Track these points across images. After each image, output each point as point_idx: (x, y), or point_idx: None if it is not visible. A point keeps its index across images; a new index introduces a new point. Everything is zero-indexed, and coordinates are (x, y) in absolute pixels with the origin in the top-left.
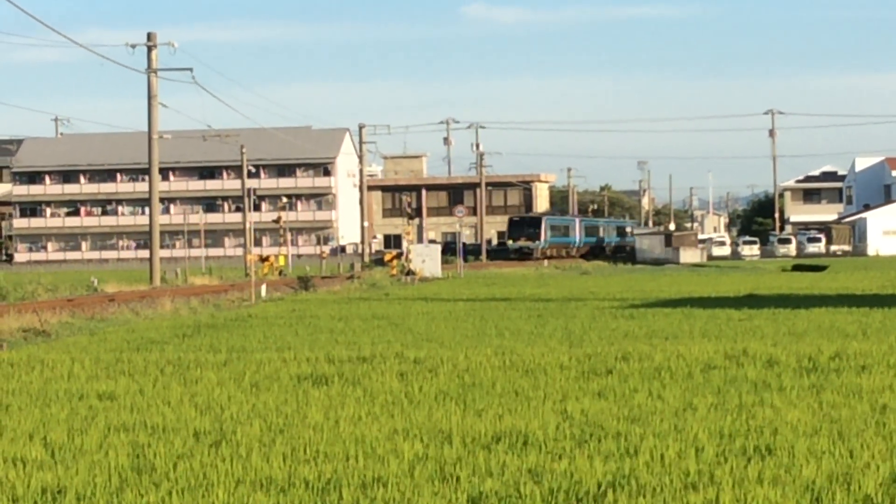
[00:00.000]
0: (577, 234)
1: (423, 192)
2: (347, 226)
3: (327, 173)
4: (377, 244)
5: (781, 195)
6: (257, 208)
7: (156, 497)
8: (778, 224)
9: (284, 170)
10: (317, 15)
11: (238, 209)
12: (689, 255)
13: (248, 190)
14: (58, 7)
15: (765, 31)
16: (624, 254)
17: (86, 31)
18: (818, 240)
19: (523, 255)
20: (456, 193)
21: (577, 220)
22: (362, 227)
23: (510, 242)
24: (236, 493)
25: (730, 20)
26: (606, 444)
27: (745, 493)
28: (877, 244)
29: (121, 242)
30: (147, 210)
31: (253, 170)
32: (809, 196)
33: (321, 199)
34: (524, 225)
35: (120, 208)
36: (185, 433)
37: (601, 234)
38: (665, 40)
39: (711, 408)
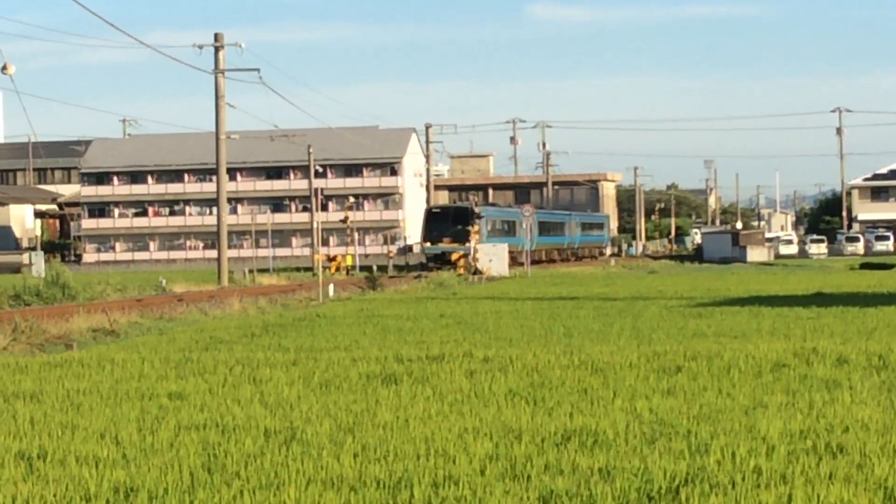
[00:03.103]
0: (528, 233)
1: (490, 191)
2: (414, 225)
3: (394, 173)
4: None
5: (849, 193)
6: (324, 208)
7: (227, 496)
8: (845, 222)
9: (351, 170)
10: (384, 15)
11: (305, 209)
12: (756, 254)
13: (316, 190)
14: (126, 8)
15: (831, 28)
16: (594, 257)
17: (153, 32)
18: (886, 238)
19: (448, 264)
20: (522, 193)
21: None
22: None
23: (427, 245)
24: (307, 492)
25: (797, 18)
26: (677, 442)
27: (817, 492)
28: None
29: (188, 242)
30: (215, 210)
31: (320, 170)
32: (877, 194)
33: (388, 198)
34: (448, 220)
35: (188, 208)
36: (256, 432)
37: (562, 231)
38: (732, 39)
39: (782, 406)
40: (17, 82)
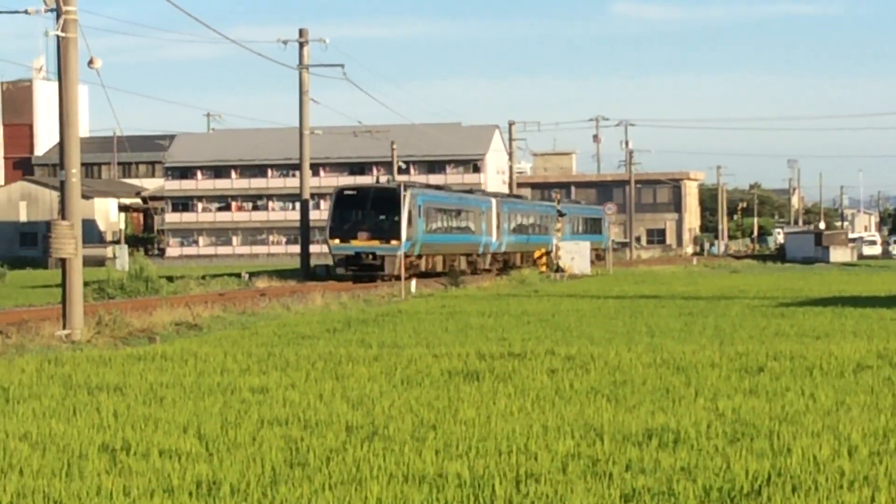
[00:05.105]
0: (494, 229)
1: (573, 189)
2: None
3: (477, 170)
4: None
5: None
6: None
7: (309, 490)
8: None
9: (434, 166)
10: (466, 12)
11: None
12: (839, 254)
13: None
14: (211, 3)
15: None
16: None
17: (238, 27)
18: None
19: (365, 271)
20: (605, 191)
21: (495, 202)
22: None
23: (335, 243)
24: (389, 488)
25: (880, 18)
26: (759, 442)
27: None
28: None
29: (271, 237)
30: (298, 205)
31: (403, 166)
32: None
33: None
34: (366, 206)
35: (271, 203)
36: (338, 427)
37: (544, 230)
38: (816, 38)
39: (864, 407)
40: (104, 77)
